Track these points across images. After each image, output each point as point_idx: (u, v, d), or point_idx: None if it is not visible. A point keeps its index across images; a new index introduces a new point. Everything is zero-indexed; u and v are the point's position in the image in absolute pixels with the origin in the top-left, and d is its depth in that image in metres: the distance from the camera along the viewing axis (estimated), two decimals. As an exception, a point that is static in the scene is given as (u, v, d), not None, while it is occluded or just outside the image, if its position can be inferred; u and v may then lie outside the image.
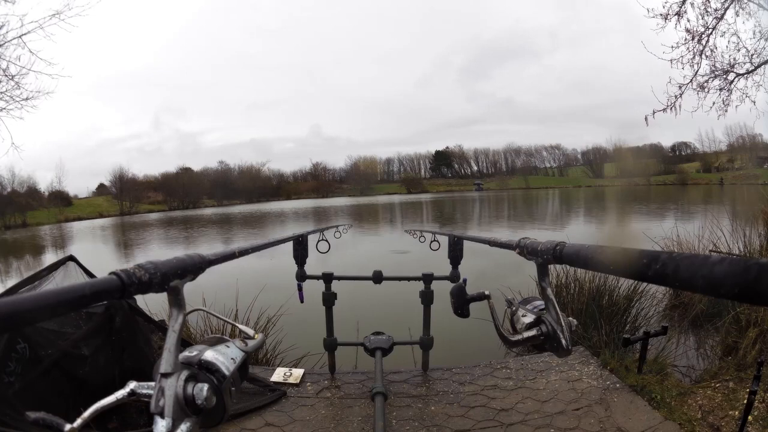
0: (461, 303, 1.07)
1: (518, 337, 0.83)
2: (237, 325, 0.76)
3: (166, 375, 0.51)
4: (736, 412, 2.37)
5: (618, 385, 2.91)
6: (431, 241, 3.32)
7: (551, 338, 0.80)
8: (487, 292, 0.98)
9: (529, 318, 0.86)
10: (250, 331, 0.73)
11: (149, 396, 0.52)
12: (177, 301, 0.58)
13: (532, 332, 0.82)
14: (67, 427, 0.49)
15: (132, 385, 0.55)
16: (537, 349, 0.90)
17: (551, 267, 0.91)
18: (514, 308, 0.95)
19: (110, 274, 0.49)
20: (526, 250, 0.86)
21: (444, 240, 2.86)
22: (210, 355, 0.59)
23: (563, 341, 0.78)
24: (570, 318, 0.81)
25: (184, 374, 0.53)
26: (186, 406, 0.51)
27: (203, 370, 0.57)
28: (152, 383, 0.53)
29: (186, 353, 0.59)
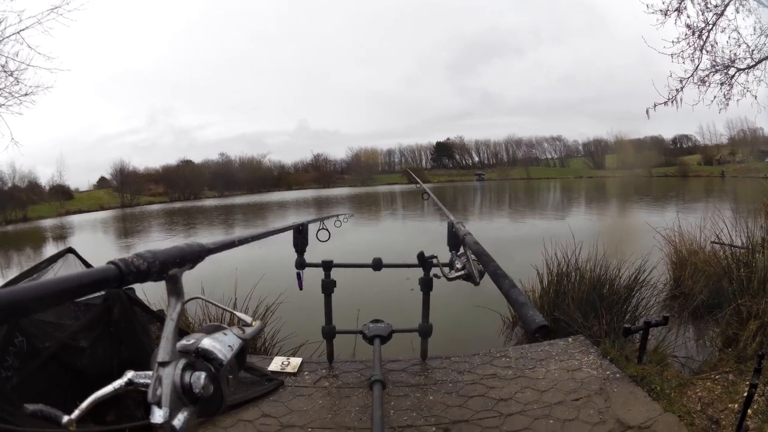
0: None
1: (454, 275, 1.40)
2: (235, 312, 0.76)
3: (163, 364, 0.50)
4: (736, 405, 2.38)
5: (618, 375, 2.91)
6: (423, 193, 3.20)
7: (471, 276, 1.30)
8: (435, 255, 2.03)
9: (459, 265, 1.42)
10: (248, 319, 0.73)
11: (147, 385, 0.51)
12: (175, 289, 0.57)
13: (461, 272, 1.37)
14: (65, 418, 0.48)
15: (130, 374, 0.54)
16: (468, 280, 1.37)
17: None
18: (452, 260, 1.75)
19: (108, 263, 0.48)
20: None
21: (443, 225, 2.85)
22: (207, 343, 0.59)
23: (475, 277, 1.28)
24: (480, 266, 1.25)
25: (182, 363, 0.52)
26: (183, 395, 0.51)
27: (200, 358, 0.57)
28: (150, 372, 0.52)
29: (183, 342, 0.58)
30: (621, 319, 3.91)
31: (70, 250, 3.12)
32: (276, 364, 3.08)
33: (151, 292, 3.17)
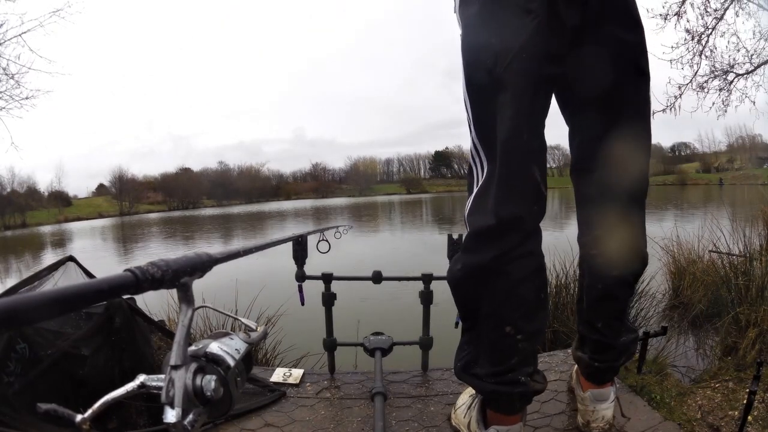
0: None
1: None
2: (239, 318, 0.77)
3: (176, 367, 0.52)
4: (736, 413, 2.38)
5: (617, 385, 2.90)
6: None
7: None
8: None
9: None
10: (253, 324, 0.75)
11: (159, 388, 0.53)
12: (186, 297, 0.59)
13: None
14: (78, 417, 0.50)
15: (142, 377, 0.56)
16: None
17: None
18: None
19: (125, 270, 0.50)
20: None
21: (443, 239, 2.86)
22: (215, 347, 0.61)
23: None
24: None
25: (193, 366, 0.54)
26: (195, 397, 0.53)
27: (210, 362, 0.59)
28: (161, 376, 0.54)
29: (192, 347, 0.60)
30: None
31: (71, 259, 3.11)
32: (278, 376, 3.08)
33: (150, 301, 3.17)
